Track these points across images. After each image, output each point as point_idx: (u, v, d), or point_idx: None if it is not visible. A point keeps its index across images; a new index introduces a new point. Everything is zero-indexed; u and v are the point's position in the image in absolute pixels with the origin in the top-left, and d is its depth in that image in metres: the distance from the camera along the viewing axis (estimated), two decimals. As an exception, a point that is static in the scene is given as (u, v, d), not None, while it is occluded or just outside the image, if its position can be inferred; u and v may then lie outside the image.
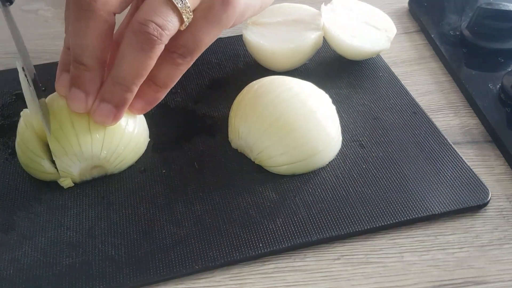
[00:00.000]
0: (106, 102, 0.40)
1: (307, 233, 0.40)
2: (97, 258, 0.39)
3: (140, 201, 0.43)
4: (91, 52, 0.38)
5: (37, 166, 0.43)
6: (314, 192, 0.43)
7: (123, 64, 0.38)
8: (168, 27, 0.37)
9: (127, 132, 0.43)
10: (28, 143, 0.43)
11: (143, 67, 0.38)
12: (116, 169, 0.45)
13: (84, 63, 0.38)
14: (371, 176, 0.44)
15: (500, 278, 0.38)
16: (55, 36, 0.66)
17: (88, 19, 0.37)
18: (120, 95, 0.39)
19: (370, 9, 0.58)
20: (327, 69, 0.57)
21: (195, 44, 0.39)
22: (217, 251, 0.39)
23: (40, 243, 0.40)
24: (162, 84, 0.41)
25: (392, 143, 0.47)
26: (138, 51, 0.37)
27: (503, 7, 0.59)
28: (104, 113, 0.40)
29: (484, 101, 0.52)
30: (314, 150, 0.44)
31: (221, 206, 0.43)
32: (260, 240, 0.40)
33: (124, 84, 0.39)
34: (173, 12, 0.37)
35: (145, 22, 0.36)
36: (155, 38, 0.36)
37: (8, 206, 0.43)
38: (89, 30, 0.37)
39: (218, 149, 0.48)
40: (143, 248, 0.40)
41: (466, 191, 0.43)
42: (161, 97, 0.42)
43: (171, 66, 0.40)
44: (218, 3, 0.39)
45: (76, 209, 0.43)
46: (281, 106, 0.44)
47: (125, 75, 0.38)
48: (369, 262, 0.40)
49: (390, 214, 0.41)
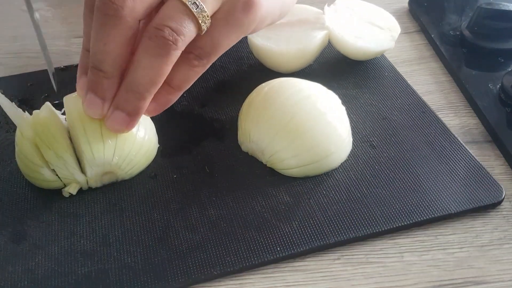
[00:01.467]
0: (120, 110, 0.39)
1: (325, 236, 0.40)
2: (113, 266, 0.38)
3: (153, 207, 0.42)
4: (113, 60, 0.37)
5: (37, 174, 0.42)
6: (328, 194, 0.43)
7: (138, 70, 0.37)
8: (183, 32, 0.36)
9: (138, 137, 0.43)
10: (26, 152, 0.42)
11: (158, 74, 0.37)
12: (127, 175, 0.44)
13: (104, 70, 0.38)
14: (385, 177, 0.44)
15: (500, 278, 0.38)
16: (55, 36, 0.66)
17: (113, 26, 0.36)
18: (134, 103, 0.38)
19: (373, 8, 0.58)
20: (332, 69, 0.57)
21: (212, 47, 0.39)
22: (234, 256, 0.39)
23: (54, 252, 0.39)
24: (176, 86, 0.40)
25: (403, 143, 0.47)
26: (153, 57, 0.36)
27: (503, 7, 0.59)
28: (117, 121, 0.39)
29: (484, 101, 0.52)
30: (327, 151, 0.44)
31: (236, 210, 0.42)
32: (278, 244, 0.40)
33: (138, 91, 0.38)
34: (189, 18, 0.36)
35: (161, 27, 0.36)
36: (171, 43, 0.36)
37: (18, 216, 0.42)
38: (113, 37, 0.36)
39: (228, 153, 0.47)
40: (160, 255, 0.39)
41: (480, 190, 0.43)
42: (174, 100, 0.41)
43: (187, 67, 0.39)
44: (240, 7, 0.38)
45: (88, 216, 0.42)
46: (292, 108, 0.44)
47: (140, 82, 0.37)
48: (369, 262, 0.40)
49: (406, 215, 0.41)
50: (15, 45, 0.64)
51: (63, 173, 0.42)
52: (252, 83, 0.49)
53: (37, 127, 0.42)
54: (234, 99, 0.52)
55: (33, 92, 0.55)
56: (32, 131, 0.42)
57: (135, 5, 0.36)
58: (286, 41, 0.52)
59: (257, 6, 0.39)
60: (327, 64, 0.57)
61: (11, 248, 0.40)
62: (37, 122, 0.42)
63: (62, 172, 0.42)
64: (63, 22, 0.68)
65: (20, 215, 0.42)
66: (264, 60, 0.55)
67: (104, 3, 0.36)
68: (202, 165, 0.46)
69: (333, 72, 0.56)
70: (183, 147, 0.48)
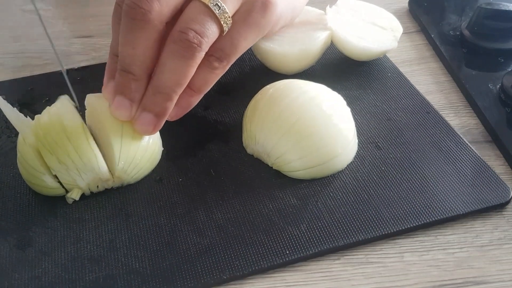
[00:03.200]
0: (148, 112, 0.40)
1: (333, 238, 0.40)
2: (121, 272, 0.38)
3: (159, 211, 0.42)
4: (141, 62, 0.38)
5: (39, 181, 0.42)
6: (335, 196, 0.43)
7: (164, 72, 0.38)
8: (207, 34, 0.37)
9: (143, 142, 0.43)
10: (28, 159, 0.42)
11: (183, 75, 0.38)
12: (133, 179, 0.44)
13: (133, 72, 0.39)
14: (391, 178, 0.44)
15: (500, 278, 0.38)
16: (55, 36, 0.65)
17: (141, 30, 0.37)
18: (161, 104, 0.39)
19: (374, 9, 0.58)
20: (334, 70, 0.56)
21: (232, 48, 0.40)
22: (243, 260, 0.39)
23: (60, 258, 0.39)
24: (197, 89, 0.41)
25: (408, 144, 0.47)
26: (179, 59, 0.37)
27: (503, 7, 0.59)
28: (145, 122, 0.40)
29: (484, 101, 0.52)
30: (333, 153, 0.43)
31: (243, 213, 0.42)
32: (287, 247, 0.39)
33: (165, 93, 0.39)
34: (211, 19, 0.38)
35: (185, 30, 0.37)
36: (195, 46, 0.37)
37: (23, 222, 0.41)
38: (142, 40, 0.38)
39: (233, 155, 0.47)
40: (168, 259, 0.39)
41: (488, 190, 0.43)
42: (195, 102, 0.42)
43: (207, 70, 0.40)
44: (258, 7, 0.40)
45: (94, 222, 0.41)
46: (298, 110, 0.43)
47: (166, 83, 0.38)
48: (369, 262, 0.39)
49: (415, 216, 0.41)
50: (15, 45, 0.64)
51: (65, 178, 0.41)
52: (255, 85, 0.49)
53: (38, 132, 0.41)
54: (238, 101, 0.52)
55: (34, 96, 0.54)
56: (34, 136, 0.41)
57: (162, 9, 0.37)
58: (289, 42, 0.52)
59: (274, 7, 0.40)
60: (329, 65, 0.57)
61: (16, 254, 0.39)
62: (39, 127, 0.42)
63: (64, 178, 0.41)
64: (63, 22, 0.68)
65: (25, 221, 0.42)
66: (266, 61, 0.55)
67: (131, 8, 0.37)
68: (207, 168, 0.46)
69: (335, 73, 0.56)
70: (188, 150, 0.47)
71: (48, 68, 0.60)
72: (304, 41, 0.52)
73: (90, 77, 0.57)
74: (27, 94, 0.54)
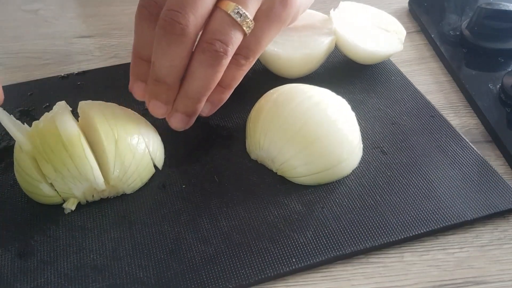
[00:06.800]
0: (180, 113, 0.43)
1: (340, 246, 0.39)
2: (125, 281, 0.37)
3: (163, 219, 0.41)
4: (176, 73, 0.41)
5: (36, 189, 0.41)
6: (341, 202, 0.42)
7: (194, 80, 0.41)
8: (232, 42, 0.40)
9: (139, 149, 0.42)
10: (24, 167, 0.41)
11: (212, 81, 0.41)
12: (129, 188, 0.43)
13: (168, 82, 0.41)
14: (398, 183, 0.44)
15: (500, 278, 0.38)
16: (55, 36, 0.65)
17: (180, 44, 0.39)
18: (191, 107, 0.43)
19: (377, 12, 0.58)
20: (338, 74, 0.56)
21: (257, 44, 0.42)
22: (249, 269, 0.38)
23: (63, 268, 0.38)
24: (226, 86, 0.43)
25: (414, 148, 0.47)
26: (207, 67, 0.40)
27: (503, 7, 0.59)
28: (178, 121, 0.44)
29: (484, 101, 0.52)
30: (338, 159, 0.43)
31: (248, 220, 0.41)
32: (293, 255, 0.39)
33: (194, 97, 0.42)
34: (234, 28, 0.40)
35: (211, 41, 0.39)
36: (222, 54, 0.39)
37: (25, 231, 0.41)
38: (179, 53, 0.39)
39: (236, 161, 0.46)
40: (172, 268, 0.38)
41: (495, 195, 0.42)
42: (225, 98, 0.45)
43: (235, 67, 0.42)
44: (278, 2, 0.42)
45: (97, 230, 0.41)
46: (303, 115, 0.43)
47: (196, 89, 0.41)
48: (369, 262, 0.39)
49: (422, 223, 0.40)
50: (15, 45, 0.64)
51: (61, 187, 0.41)
52: (258, 90, 0.48)
53: (35, 139, 0.41)
54: (241, 105, 0.51)
55: (34, 101, 0.53)
56: (31, 144, 0.41)
57: (197, 22, 0.39)
58: (293, 46, 0.52)
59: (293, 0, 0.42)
60: (332, 69, 0.57)
61: (18, 264, 0.39)
62: (35, 134, 0.41)
63: (60, 186, 0.40)
64: (63, 22, 0.67)
65: (26, 230, 0.41)
66: (270, 65, 0.54)
67: (170, 23, 0.38)
68: (211, 174, 0.45)
69: (338, 77, 0.55)
70: (191, 156, 0.47)
71: (48, 68, 0.59)
72: (308, 45, 0.52)
73: (90, 82, 0.56)
74: (26, 100, 0.54)
